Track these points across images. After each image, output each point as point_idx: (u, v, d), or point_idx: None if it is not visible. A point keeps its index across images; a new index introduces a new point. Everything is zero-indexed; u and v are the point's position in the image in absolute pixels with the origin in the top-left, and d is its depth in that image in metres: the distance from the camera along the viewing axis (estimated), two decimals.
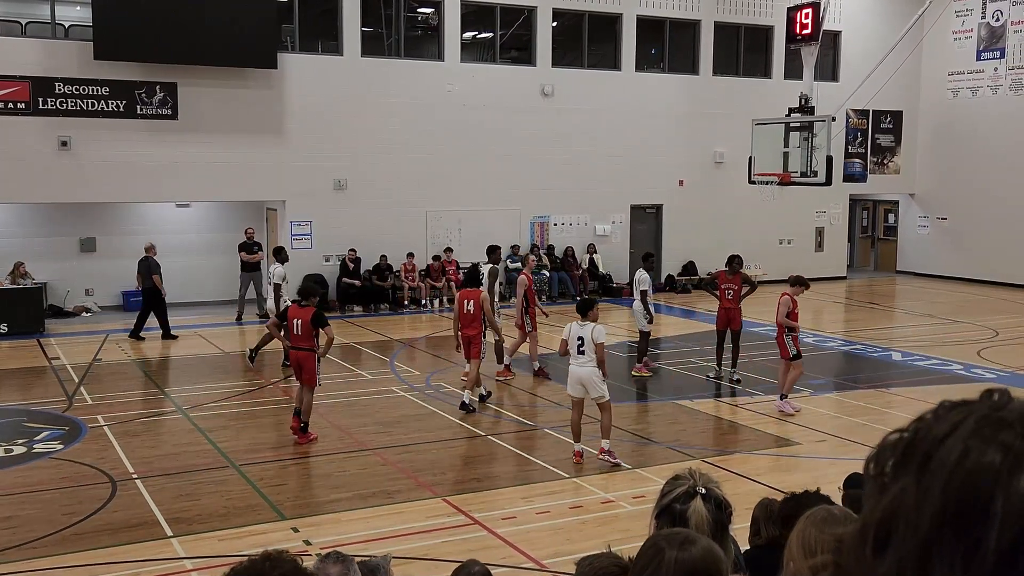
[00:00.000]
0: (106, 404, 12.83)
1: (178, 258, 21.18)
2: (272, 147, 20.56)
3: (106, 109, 19.14)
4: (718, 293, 14.14)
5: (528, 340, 14.55)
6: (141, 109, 19.38)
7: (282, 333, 11.30)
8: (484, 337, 12.82)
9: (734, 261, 14.19)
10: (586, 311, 10.12)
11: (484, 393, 12.90)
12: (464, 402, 12.31)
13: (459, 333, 12.68)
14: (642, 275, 14.42)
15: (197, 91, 19.74)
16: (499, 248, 15.64)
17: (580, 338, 10.03)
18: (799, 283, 12.51)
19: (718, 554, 2.20)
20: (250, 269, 19.83)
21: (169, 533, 8.31)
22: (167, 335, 17.75)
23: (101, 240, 20.71)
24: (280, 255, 15.76)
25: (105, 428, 11.58)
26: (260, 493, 9.32)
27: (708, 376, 14.33)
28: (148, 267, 17.77)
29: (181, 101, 19.63)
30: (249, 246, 19.81)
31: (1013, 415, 0.67)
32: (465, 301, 12.66)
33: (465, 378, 12.94)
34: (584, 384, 10.11)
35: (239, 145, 20.22)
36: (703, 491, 2.68)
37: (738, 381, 13.98)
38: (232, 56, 19.58)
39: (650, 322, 14.64)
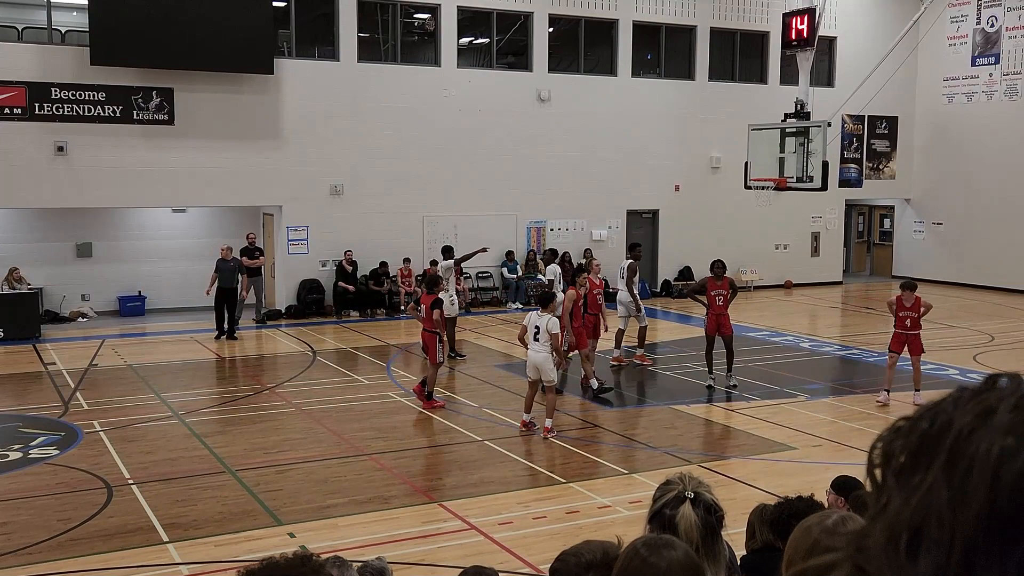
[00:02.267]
0: (102, 409, 12.81)
1: (174, 263, 21.19)
2: (268, 152, 20.56)
3: (102, 114, 19.14)
4: (707, 299, 14.03)
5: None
6: (137, 114, 19.38)
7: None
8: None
9: (717, 266, 14.15)
10: (546, 303, 11.48)
11: (601, 385, 13.43)
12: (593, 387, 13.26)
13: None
14: (626, 263, 15.69)
15: (193, 96, 19.75)
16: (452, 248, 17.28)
17: (537, 327, 11.27)
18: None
19: (694, 560, 2.22)
20: (252, 274, 19.85)
21: (165, 539, 8.29)
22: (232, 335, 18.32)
23: (97, 245, 20.69)
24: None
25: (101, 433, 11.56)
26: (256, 498, 9.31)
27: (709, 384, 14.02)
28: (233, 269, 18.33)
29: (177, 106, 19.63)
30: (251, 251, 19.82)
31: None
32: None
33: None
34: (538, 367, 11.34)
35: (235, 150, 20.23)
36: (691, 496, 2.69)
37: (734, 386, 13.95)
38: (228, 61, 19.59)
39: (638, 310, 15.44)
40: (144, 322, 20.19)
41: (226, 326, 18.25)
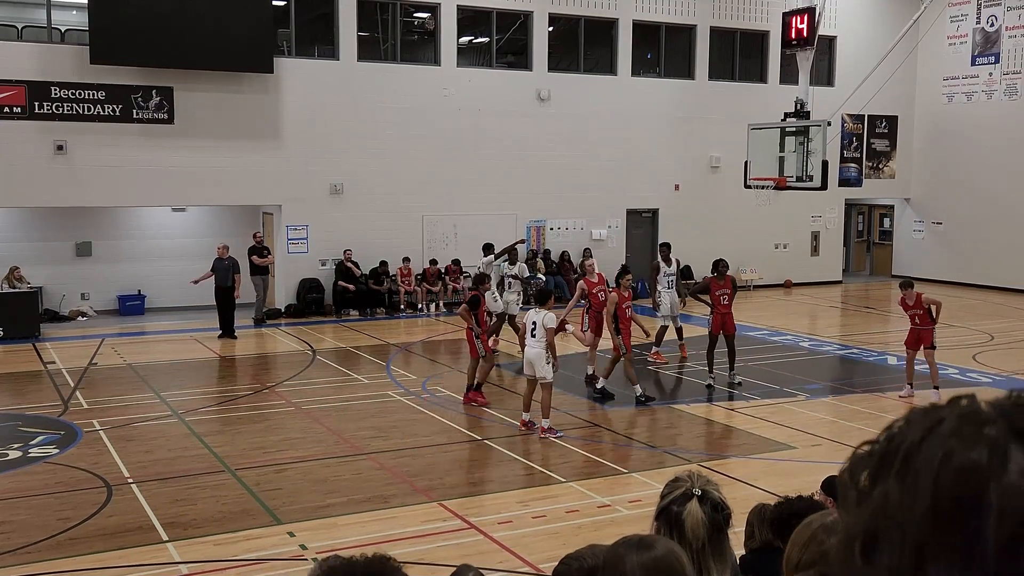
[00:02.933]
0: (101, 408, 12.81)
1: (173, 262, 21.17)
2: (268, 151, 20.56)
3: (102, 113, 19.13)
4: (712, 299, 14.00)
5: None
6: (137, 113, 19.37)
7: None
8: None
9: (720, 265, 14.18)
10: (544, 301, 11.61)
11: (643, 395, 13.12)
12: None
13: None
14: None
15: (193, 95, 19.74)
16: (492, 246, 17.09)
17: (534, 323, 11.41)
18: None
19: (679, 555, 2.23)
20: (260, 272, 19.88)
21: (164, 538, 8.29)
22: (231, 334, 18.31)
23: (97, 244, 20.69)
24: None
25: (100, 432, 11.56)
26: (256, 498, 9.31)
27: (709, 383, 13.97)
28: (228, 268, 18.33)
29: (177, 105, 19.63)
30: (259, 250, 19.84)
31: (990, 412, 0.68)
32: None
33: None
34: (532, 363, 11.38)
35: (235, 149, 20.22)
36: (699, 493, 2.69)
37: (739, 384, 13.93)
38: (228, 60, 19.59)
39: (655, 307, 15.87)
40: (143, 321, 20.19)
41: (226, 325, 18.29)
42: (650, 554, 2.18)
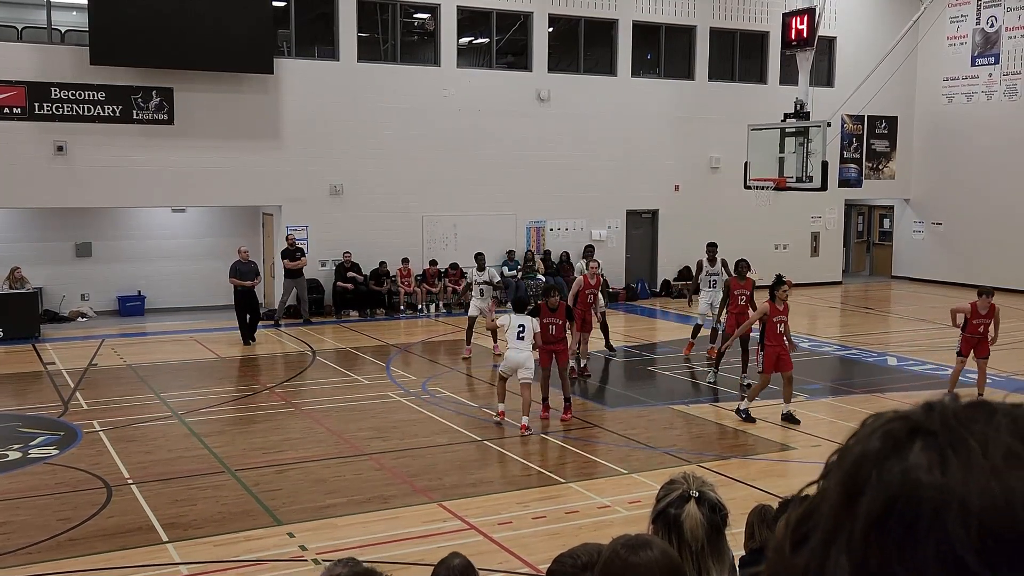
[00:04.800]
0: (101, 409, 12.81)
1: (173, 263, 21.19)
2: (268, 152, 20.56)
3: (102, 114, 19.14)
4: (729, 299, 14.13)
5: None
6: (137, 114, 19.38)
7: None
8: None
9: (741, 265, 14.24)
10: (522, 308, 11.88)
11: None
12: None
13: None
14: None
15: (193, 96, 19.74)
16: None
17: (521, 326, 11.58)
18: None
19: (674, 558, 2.23)
20: (293, 276, 19.87)
21: (164, 538, 8.29)
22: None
23: (97, 245, 20.69)
24: None
25: (100, 433, 11.56)
26: (256, 498, 9.31)
27: (710, 380, 14.18)
28: (252, 271, 17.71)
29: (177, 106, 19.63)
30: (292, 252, 19.85)
31: (914, 412, 0.73)
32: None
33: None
34: (523, 365, 11.57)
35: (235, 150, 20.23)
36: (696, 495, 2.69)
37: (748, 386, 13.85)
38: (228, 61, 19.59)
39: (688, 304, 16.06)
40: (143, 322, 20.19)
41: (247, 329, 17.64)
42: (645, 554, 2.18)
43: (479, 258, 17.23)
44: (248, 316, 17.55)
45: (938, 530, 0.66)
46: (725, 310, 14.43)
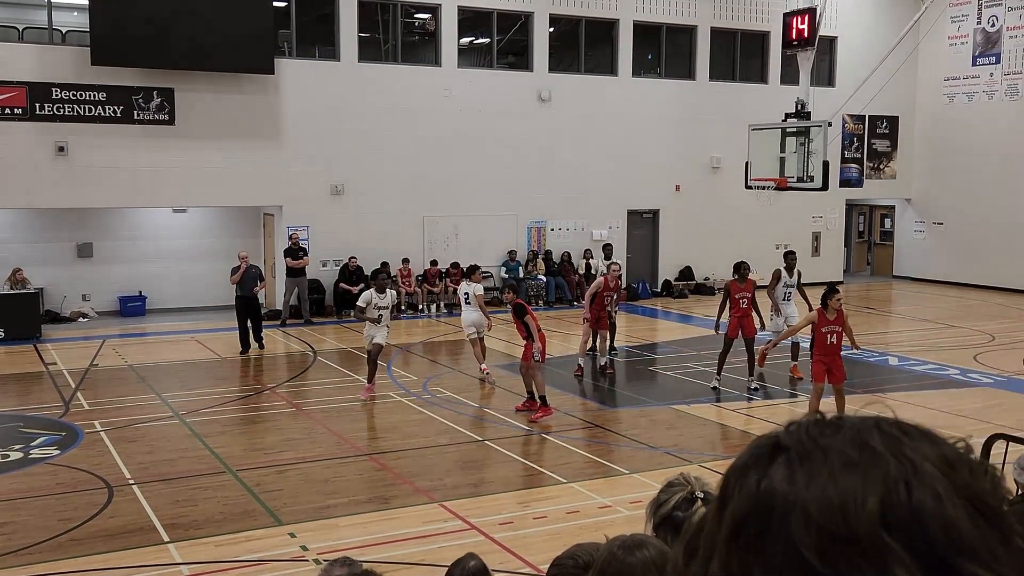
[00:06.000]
0: (102, 409, 12.82)
1: (174, 263, 21.19)
2: (269, 152, 20.57)
3: (103, 114, 19.15)
4: (731, 302, 13.74)
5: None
6: (138, 114, 19.39)
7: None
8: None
9: (742, 267, 13.97)
10: (471, 275, 14.48)
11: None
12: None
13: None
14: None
15: (194, 96, 19.75)
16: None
17: (466, 293, 14.42)
18: None
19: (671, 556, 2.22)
20: (295, 275, 19.88)
21: (166, 539, 8.29)
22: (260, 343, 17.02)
23: (98, 245, 20.70)
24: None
25: (102, 433, 11.56)
26: (257, 499, 9.31)
27: (714, 386, 13.82)
28: (254, 276, 16.86)
29: (178, 106, 19.64)
30: (294, 251, 19.85)
31: (780, 430, 0.80)
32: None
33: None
34: (475, 324, 14.33)
35: (236, 150, 20.23)
36: (703, 495, 2.65)
37: (755, 389, 13.74)
38: (229, 62, 19.59)
39: (776, 312, 14.76)
40: (145, 322, 20.20)
41: (251, 337, 16.91)
42: (642, 553, 2.18)
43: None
44: (250, 322, 16.85)
45: (785, 534, 0.72)
46: (726, 314, 14.11)
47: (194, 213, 21.50)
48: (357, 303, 13.77)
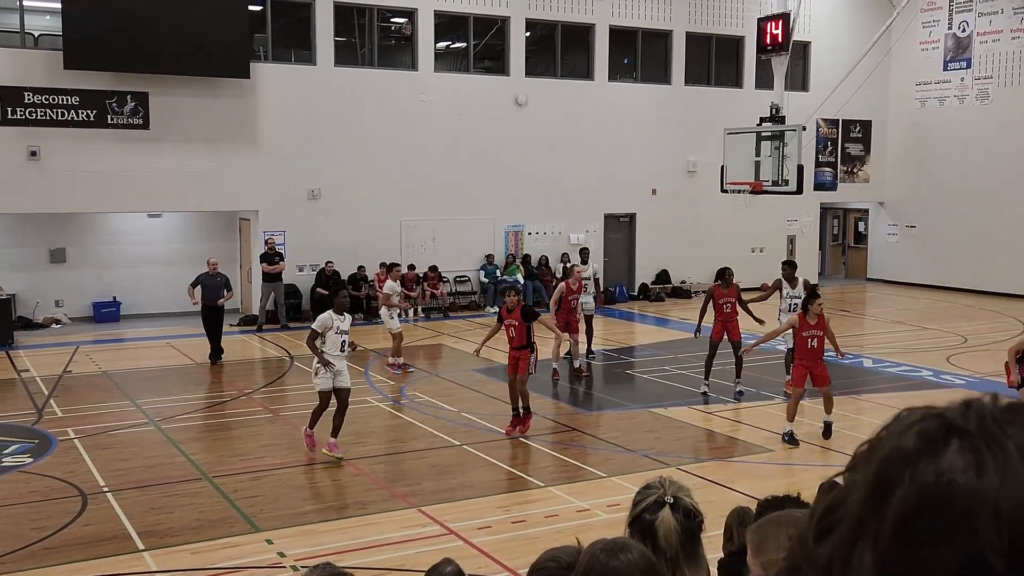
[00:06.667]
0: (76, 416, 12.69)
1: (149, 269, 21.02)
2: (245, 157, 20.46)
3: (76, 119, 18.97)
4: (715, 307, 13.69)
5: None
6: (112, 118, 19.23)
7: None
8: None
9: (726, 273, 13.92)
10: (390, 271, 15.73)
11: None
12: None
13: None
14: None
15: (169, 100, 19.62)
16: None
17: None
18: None
19: (651, 562, 2.24)
20: (272, 280, 19.77)
21: (141, 547, 8.22)
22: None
23: (71, 251, 20.50)
24: None
25: (75, 441, 11.45)
26: (233, 505, 9.25)
27: (703, 391, 13.80)
28: (220, 285, 16.37)
29: (152, 110, 19.50)
30: (270, 257, 19.73)
31: (949, 410, 0.72)
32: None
33: None
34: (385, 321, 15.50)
35: (211, 155, 20.12)
36: (671, 500, 2.68)
37: (740, 393, 13.71)
38: (204, 65, 19.48)
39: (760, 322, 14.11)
40: (119, 328, 20.03)
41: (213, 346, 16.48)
42: (624, 557, 2.19)
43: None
44: (212, 333, 16.35)
45: (968, 533, 0.65)
46: (707, 318, 14.03)
47: (169, 218, 21.34)
48: (313, 328, 10.75)
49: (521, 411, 11.73)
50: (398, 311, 16.06)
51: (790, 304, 13.74)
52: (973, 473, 0.66)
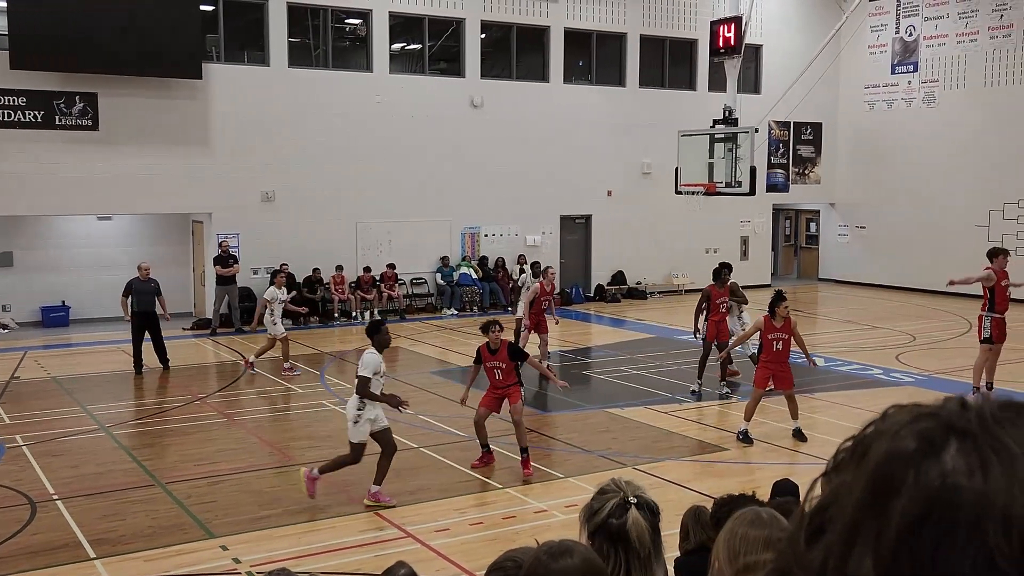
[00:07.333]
0: (25, 423, 12.44)
1: (99, 272, 20.66)
2: (197, 158, 20.22)
3: (23, 120, 18.61)
4: (710, 307, 13.78)
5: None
6: (60, 120, 18.89)
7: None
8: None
9: (723, 272, 13.97)
10: (274, 277, 15.21)
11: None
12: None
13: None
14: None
15: (119, 101, 19.32)
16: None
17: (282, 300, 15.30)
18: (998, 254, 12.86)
19: (595, 563, 2.26)
20: (225, 283, 19.52)
21: (92, 555, 8.09)
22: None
23: (19, 254, 20.10)
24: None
25: (24, 448, 11.22)
26: (187, 511, 9.14)
27: (694, 390, 13.91)
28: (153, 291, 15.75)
29: (102, 111, 19.19)
30: (224, 259, 19.47)
31: (945, 409, 0.70)
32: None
33: None
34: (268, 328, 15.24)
35: (163, 156, 19.85)
36: (635, 500, 2.68)
37: (728, 394, 13.85)
38: (155, 66, 19.21)
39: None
40: (68, 333, 19.68)
41: (151, 355, 15.76)
42: (566, 561, 2.20)
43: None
44: (152, 339, 15.73)
45: (978, 539, 0.63)
46: (703, 318, 14.02)
47: (120, 221, 21.01)
48: (363, 374, 9.24)
49: (521, 451, 10.23)
50: (280, 316, 15.58)
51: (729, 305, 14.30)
52: (979, 476, 0.64)
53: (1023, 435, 0.66)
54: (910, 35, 26.47)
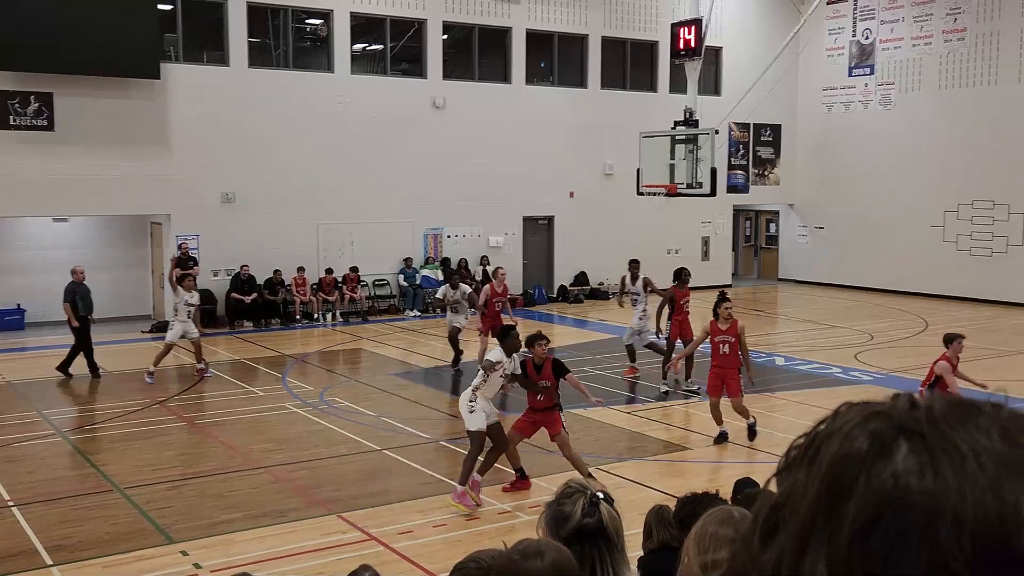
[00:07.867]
0: None
1: (55, 275, 20.29)
2: (156, 159, 19.97)
3: None
4: (676, 308, 14.10)
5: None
6: (14, 120, 18.57)
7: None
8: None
9: (684, 274, 14.47)
10: (182, 282, 14.45)
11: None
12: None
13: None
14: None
15: (75, 101, 19.03)
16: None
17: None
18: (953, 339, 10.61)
19: (567, 563, 2.26)
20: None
21: (49, 562, 7.96)
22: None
23: None
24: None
25: None
26: (147, 516, 9.02)
27: (665, 390, 14.09)
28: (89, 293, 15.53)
29: (57, 111, 18.89)
30: (184, 262, 19.20)
31: (895, 408, 0.70)
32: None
33: None
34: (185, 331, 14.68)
35: (121, 157, 19.57)
36: (602, 496, 2.71)
37: (698, 391, 13.93)
38: (112, 66, 18.94)
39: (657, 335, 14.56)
40: (23, 336, 19.35)
41: (84, 362, 15.45)
42: (536, 562, 2.21)
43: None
44: (84, 347, 15.43)
45: (930, 541, 0.62)
46: (668, 319, 14.30)
47: (76, 222, 20.69)
48: (489, 358, 9.55)
49: (587, 474, 9.30)
50: (193, 319, 15.34)
51: (632, 299, 15.26)
52: (930, 477, 0.64)
53: (972, 435, 0.65)
54: (867, 38, 26.86)
